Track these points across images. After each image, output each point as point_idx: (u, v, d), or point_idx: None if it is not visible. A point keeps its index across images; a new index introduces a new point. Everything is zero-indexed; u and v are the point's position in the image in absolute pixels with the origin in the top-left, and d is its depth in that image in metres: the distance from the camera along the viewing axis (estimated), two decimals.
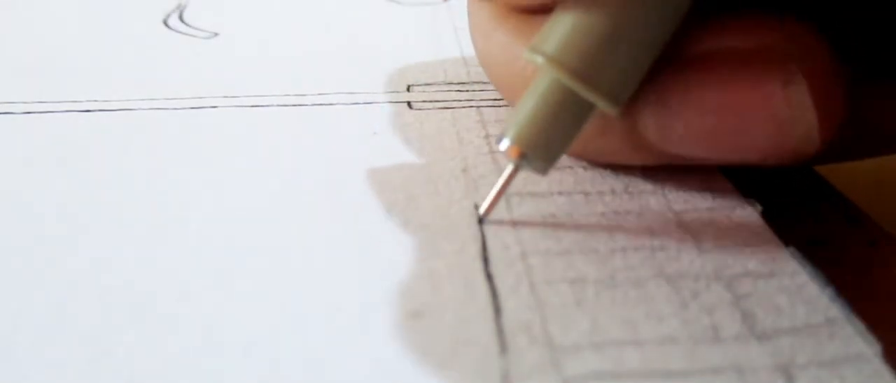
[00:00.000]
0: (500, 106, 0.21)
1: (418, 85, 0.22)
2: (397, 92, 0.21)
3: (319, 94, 0.21)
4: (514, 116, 0.14)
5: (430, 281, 0.14)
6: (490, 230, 0.15)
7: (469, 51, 0.25)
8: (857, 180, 0.20)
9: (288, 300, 0.13)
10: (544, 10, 0.15)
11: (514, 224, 0.15)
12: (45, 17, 0.27)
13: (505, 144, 0.14)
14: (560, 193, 0.16)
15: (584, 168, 0.17)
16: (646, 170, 0.17)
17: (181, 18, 0.28)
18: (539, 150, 0.14)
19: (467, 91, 0.22)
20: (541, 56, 0.14)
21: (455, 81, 0.22)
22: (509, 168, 0.15)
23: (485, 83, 0.21)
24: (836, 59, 0.14)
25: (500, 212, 0.16)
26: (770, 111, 0.14)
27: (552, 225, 0.15)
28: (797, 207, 0.17)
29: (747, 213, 0.16)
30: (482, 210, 0.16)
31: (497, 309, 0.13)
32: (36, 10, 0.28)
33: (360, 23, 0.28)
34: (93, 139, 0.18)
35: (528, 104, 0.14)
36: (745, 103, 0.14)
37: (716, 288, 0.14)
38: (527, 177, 0.17)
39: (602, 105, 0.14)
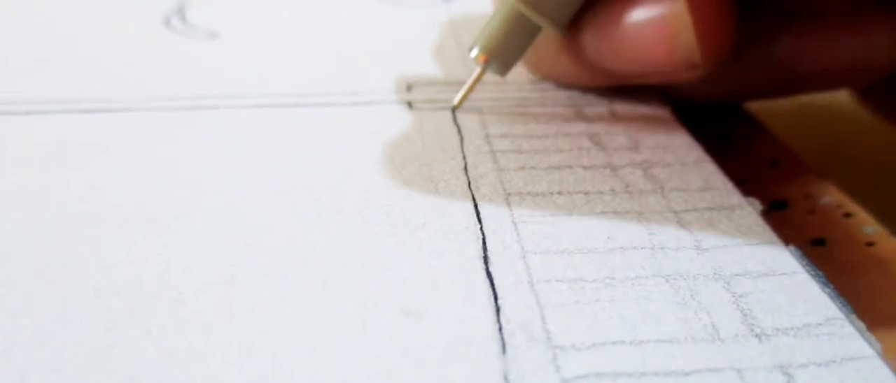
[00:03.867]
0: (500, 106, 0.21)
1: (418, 85, 0.22)
2: (398, 92, 0.21)
3: (320, 94, 0.21)
4: (483, 31, 0.19)
5: (429, 280, 0.14)
6: (490, 230, 0.15)
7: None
8: (856, 179, 0.20)
9: (288, 299, 0.13)
10: None
11: (515, 223, 0.15)
12: (45, 17, 0.27)
13: (474, 52, 0.19)
14: (560, 193, 0.16)
15: (584, 167, 0.17)
16: (645, 168, 0.17)
17: (182, 19, 0.28)
18: (499, 57, 0.19)
19: None
20: None
21: (455, 81, 0.22)
22: (477, 70, 0.19)
23: (484, 83, 0.21)
24: None
25: (501, 210, 0.16)
26: (661, 28, 0.17)
27: (552, 224, 0.15)
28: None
29: (747, 213, 0.16)
30: (455, 101, 0.20)
31: (497, 309, 0.13)
32: (36, 10, 0.28)
33: (361, 23, 0.28)
34: (93, 139, 0.18)
35: (494, 23, 0.19)
36: (646, 21, 0.18)
37: (715, 288, 0.14)
38: (527, 177, 0.17)
39: (545, 26, 0.18)
